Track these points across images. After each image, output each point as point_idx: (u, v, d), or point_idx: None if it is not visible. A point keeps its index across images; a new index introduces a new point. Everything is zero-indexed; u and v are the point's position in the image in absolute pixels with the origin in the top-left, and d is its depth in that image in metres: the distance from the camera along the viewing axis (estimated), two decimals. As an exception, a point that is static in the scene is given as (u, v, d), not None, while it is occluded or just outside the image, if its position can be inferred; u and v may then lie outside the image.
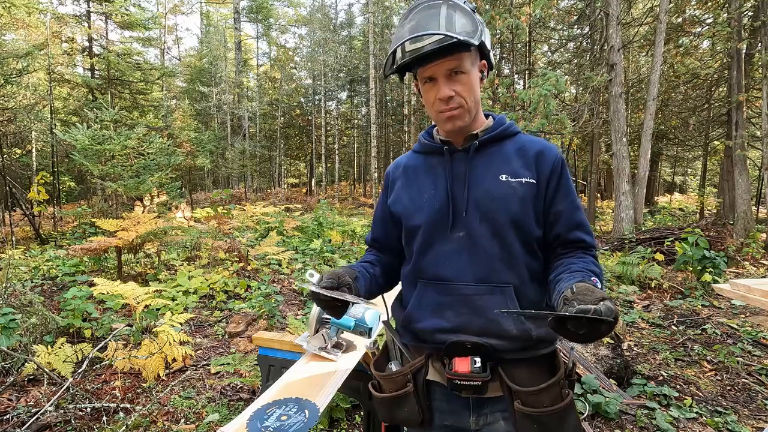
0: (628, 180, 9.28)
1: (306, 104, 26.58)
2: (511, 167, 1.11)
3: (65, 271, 5.71)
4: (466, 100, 1.06)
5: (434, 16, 0.99)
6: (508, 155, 1.13)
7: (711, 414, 2.71)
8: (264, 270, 6.21)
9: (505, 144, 1.14)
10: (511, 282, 1.07)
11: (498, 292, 1.06)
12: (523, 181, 1.08)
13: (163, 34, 25.97)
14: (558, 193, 1.11)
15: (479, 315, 1.06)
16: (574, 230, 1.10)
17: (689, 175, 27.58)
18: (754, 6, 9.84)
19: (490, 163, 1.12)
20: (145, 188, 8.50)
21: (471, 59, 1.05)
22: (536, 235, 1.10)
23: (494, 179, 1.10)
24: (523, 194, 1.08)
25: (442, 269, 1.11)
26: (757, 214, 14.74)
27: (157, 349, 3.03)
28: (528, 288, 1.09)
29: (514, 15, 9.62)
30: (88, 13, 14.43)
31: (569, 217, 1.10)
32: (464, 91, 1.06)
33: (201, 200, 19.39)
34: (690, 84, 13.48)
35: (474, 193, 1.10)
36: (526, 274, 1.09)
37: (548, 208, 1.10)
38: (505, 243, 1.07)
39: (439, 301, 1.10)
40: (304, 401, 1.29)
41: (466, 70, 1.04)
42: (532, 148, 1.13)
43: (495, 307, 1.05)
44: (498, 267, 1.07)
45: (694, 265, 5.46)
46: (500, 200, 1.08)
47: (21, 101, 12.31)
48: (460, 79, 1.04)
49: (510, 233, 1.07)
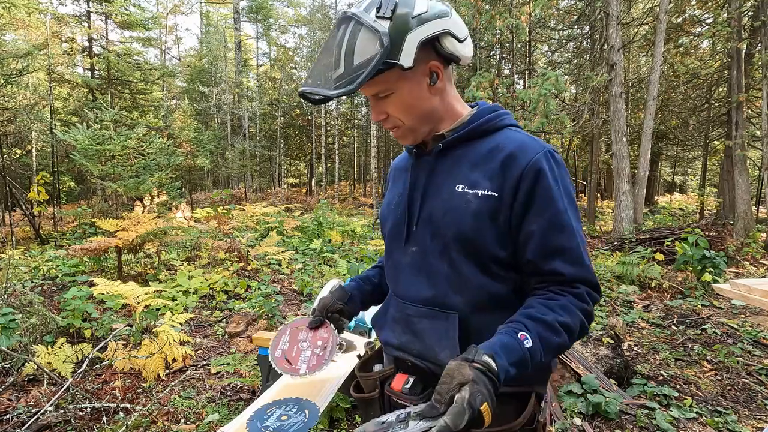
0: (628, 180, 9.28)
1: (306, 104, 26.57)
2: (472, 175, 0.93)
3: (65, 271, 5.71)
4: (402, 120, 0.94)
5: (332, 50, 0.86)
6: (476, 159, 0.95)
7: (711, 414, 2.71)
8: (264, 270, 6.21)
9: (478, 144, 0.96)
10: (458, 308, 0.93)
11: (441, 318, 0.94)
12: (479, 194, 0.90)
13: (163, 34, 25.99)
14: (530, 208, 0.88)
15: (418, 339, 0.98)
16: (548, 258, 0.87)
17: (689, 175, 27.58)
18: (754, 6, 9.83)
19: (452, 168, 0.97)
20: (145, 188, 8.50)
21: (396, 76, 0.88)
22: (497, 256, 0.91)
23: (451, 189, 0.94)
24: (478, 208, 0.90)
25: (396, 283, 1.05)
26: (757, 214, 14.74)
27: (157, 349, 3.02)
28: (482, 317, 0.93)
29: (514, 15, 9.63)
30: (88, 13, 14.43)
31: (543, 240, 0.87)
32: (396, 112, 0.93)
33: (201, 200, 19.39)
34: (690, 84, 13.48)
35: (428, 204, 0.97)
36: (481, 301, 0.93)
37: (518, 227, 0.90)
38: (454, 263, 0.93)
39: (393, 314, 1.05)
40: (305, 401, 1.29)
41: (393, 90, 0.90)
42: (505, 150, 0.92)
43: (436, 334, 0.94)
44: (445, 289, 0.94)
45: (694, 265, 5.46)
46: (451, 214, 0.93)
47: (21, 101, 12.31)
48: (388, 101, 0.92)
49: (458, 252, 0.92)
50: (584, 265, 0.88)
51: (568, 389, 2.76)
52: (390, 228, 1.07)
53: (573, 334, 0.84)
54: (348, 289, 1.18)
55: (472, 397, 0.69)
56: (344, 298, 1.15)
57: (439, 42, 0.89)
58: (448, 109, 0.98)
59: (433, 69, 0.91)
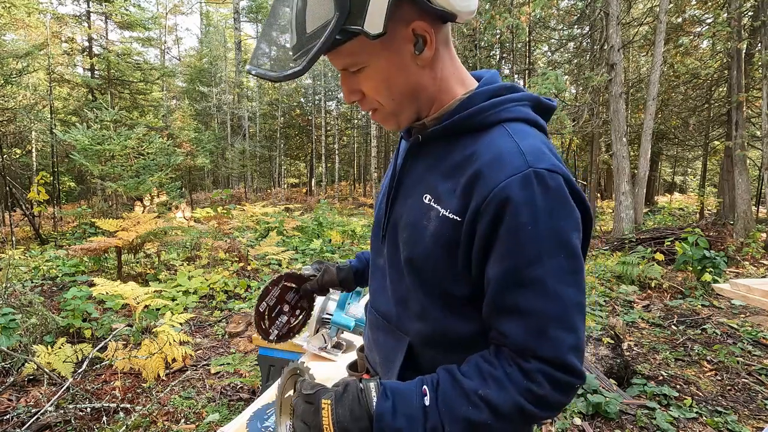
0: (628, 180, 9.28)
1: (306, 104, 26.57)
2: (443, 185, 0.71)
3: (65, 271, 5.71)
4: (380, 100, 0.72)
5: (281, 11, 0.70)
6: (451, 164, 0.71)
7: (711, 414, 2.71)
8: (264, 270, 6.21)
9: (462, 143, 0.72)
10: (409, 335, 0.77)
11: (394, 338, 0.80)
12: (440, 213, 0.69)
13: (163, 34, 25.98)
14: (491, 248, 0.65)
15: (373, 350, 0.89)
16: (499, 315, 0.66)
17: (689, 175, 27.58)
18: (754, 6, 9.83)
19: (428, 169, 0.75)
20: (145, 188, 8.50)
21: (364, 45, 0.65)
22: (452, 293, 0.72)
23: (420, 196, 0.74)
24: (436, 232, 0.69)
25: (370, 284, 0.95)
26: (757, 214, 14.73)
27: (157, 349, 3.02)
28: (435, 354, 0.75)
29: (514, 15, 9.63)
30: (87, 13, 14.43)
31: (496, 293, 0.65)
32: (371, 90, 0.71)
33: (201, 200, 19.38)
34: (690, 84, 13.48)
35: (397, 207, 0.80)
36: (436, 336, 0.75)
37: (478, 266, 0.67)
38: (410, 286, 0.76)
39: (368, 317, 0.95)
40: (304, 401, 1.28)
41: (365, 63, 0.68)
42: (479, 161, 0.66)
43: (385, 351, 0.83)
44: (401, 310, 0.79)
45: (694, 265, 5.46)
46: (411, 228, 0.74)
47: (21, 101, 12.31)
48: (362, 77, 0.70)
49: (410, 276, 0.75)
50: (548, 338, 0.62)
51: (568, 389, 2.76)
52: (374, 222, 0.90)
53: (500, 414, 0.62)
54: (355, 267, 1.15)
55: (317, 394, 0.66)
56: (350, 282, 1.13)
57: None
58: (442, 86, 0.73)
59: (417, 32, 0.67)
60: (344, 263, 1.16)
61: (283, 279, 1.12)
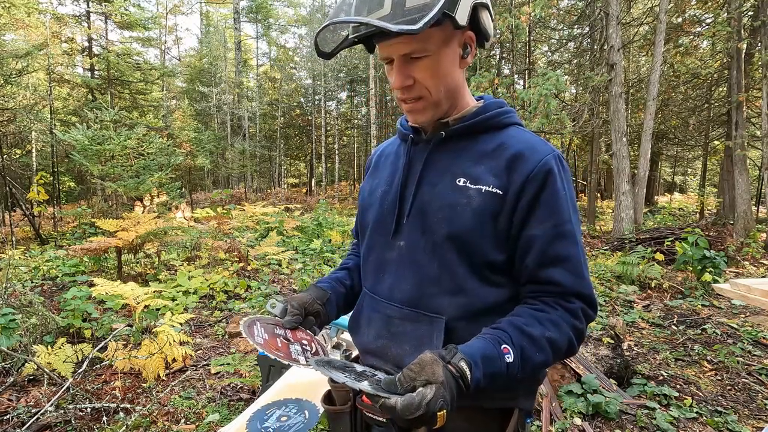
0: (628, 180, 9.28)
1: (306, 104, 26.59)
2: (475, 169, 0.85)
3: (65, 271, 5.71)
4: (431, 90, 0.82)
5: None
6: (480, 153, 0.87)
7: (711, 414, 2.71)
8: (264, 270, 6.21)
9: (483, 138, 0.88)
10: (445, 313, 0.84)
11: (426, 322, 0.85)
12: (483, 190, 0.82)
13: (163, 34, 25.96)
14: (534, 213, 0.81)
15: (397, 343, 0.88)
16: (547, 267, 0.80)
17: (689, 175, 27.59)
18: (754, 6, 9.83)
19: (454, 160, 0.88)
20: (145, 188, 8.50)
21: (441, 36, 0.78)
22: (493, 260, 0.83)
23: (450, 182, 0.86)
24: (480, 206, 0.82)
25: (375, 280, 0.95)
26: (757, 214, 14.74)
27: (157, 349, 3.02)
28: (471, 326, 0.82)
29: (514, 15, 9.63)
30: (87, 13, 14.44)
31: (544, 247, 0.80)
32: (427, 79, 0.81)
33: (201, 200, 19.38)
34: (690, 84, 13.48)
35: (422, 195, 0.88)
36: (472, 307, 0.83)
37: (519, 231, 0.82)
38: (445, 263, 0.84)
39: (369, 315, 0.94)
40: (304, 402, 1.29)
41: (430, 52, 0.79)
42: (512, 148, 0.84)
43: (417, 339, 0.85)
44: (432, 291, 0.85)
45: (694, 264, 5.46)
46: (447, 209, 0.84)
47: (21, 101, 12.31)
48: (420, 65, 0.80)
49: (450, 252, 0.83)
50: (584, 279, 0.81)
51: (568, 389, 2.76)
52: (374, 219, 0.96)
53: (559, 351, 0.78)
54: (326, 288, 1.04)
55: (434, 399, 0.65)
56: (323, 298, 1.01)
57: (478, 12, 0.80)
58: (462, 92, 0.89)
59: (467, 41, 0.82)
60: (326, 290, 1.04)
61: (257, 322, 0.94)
